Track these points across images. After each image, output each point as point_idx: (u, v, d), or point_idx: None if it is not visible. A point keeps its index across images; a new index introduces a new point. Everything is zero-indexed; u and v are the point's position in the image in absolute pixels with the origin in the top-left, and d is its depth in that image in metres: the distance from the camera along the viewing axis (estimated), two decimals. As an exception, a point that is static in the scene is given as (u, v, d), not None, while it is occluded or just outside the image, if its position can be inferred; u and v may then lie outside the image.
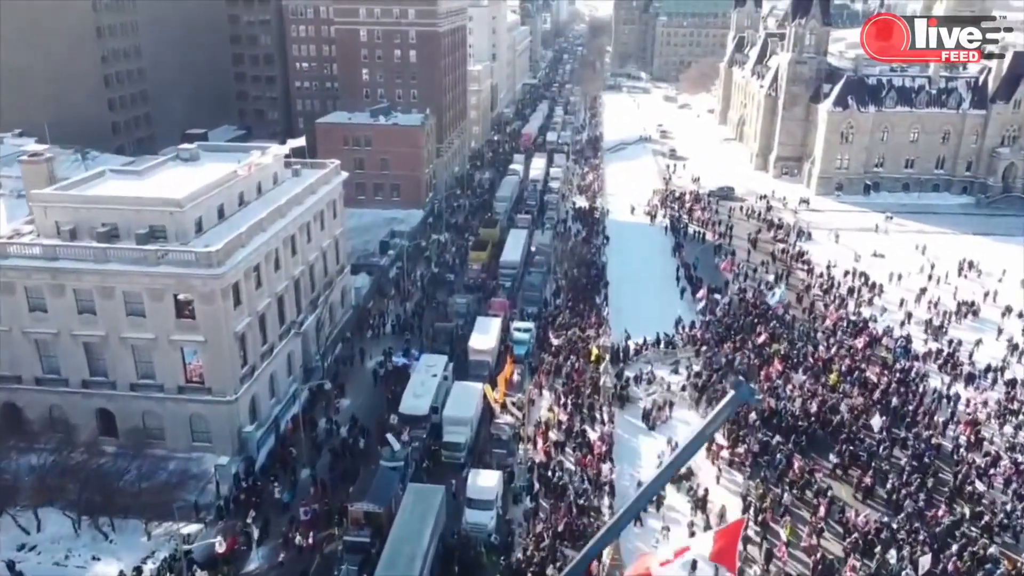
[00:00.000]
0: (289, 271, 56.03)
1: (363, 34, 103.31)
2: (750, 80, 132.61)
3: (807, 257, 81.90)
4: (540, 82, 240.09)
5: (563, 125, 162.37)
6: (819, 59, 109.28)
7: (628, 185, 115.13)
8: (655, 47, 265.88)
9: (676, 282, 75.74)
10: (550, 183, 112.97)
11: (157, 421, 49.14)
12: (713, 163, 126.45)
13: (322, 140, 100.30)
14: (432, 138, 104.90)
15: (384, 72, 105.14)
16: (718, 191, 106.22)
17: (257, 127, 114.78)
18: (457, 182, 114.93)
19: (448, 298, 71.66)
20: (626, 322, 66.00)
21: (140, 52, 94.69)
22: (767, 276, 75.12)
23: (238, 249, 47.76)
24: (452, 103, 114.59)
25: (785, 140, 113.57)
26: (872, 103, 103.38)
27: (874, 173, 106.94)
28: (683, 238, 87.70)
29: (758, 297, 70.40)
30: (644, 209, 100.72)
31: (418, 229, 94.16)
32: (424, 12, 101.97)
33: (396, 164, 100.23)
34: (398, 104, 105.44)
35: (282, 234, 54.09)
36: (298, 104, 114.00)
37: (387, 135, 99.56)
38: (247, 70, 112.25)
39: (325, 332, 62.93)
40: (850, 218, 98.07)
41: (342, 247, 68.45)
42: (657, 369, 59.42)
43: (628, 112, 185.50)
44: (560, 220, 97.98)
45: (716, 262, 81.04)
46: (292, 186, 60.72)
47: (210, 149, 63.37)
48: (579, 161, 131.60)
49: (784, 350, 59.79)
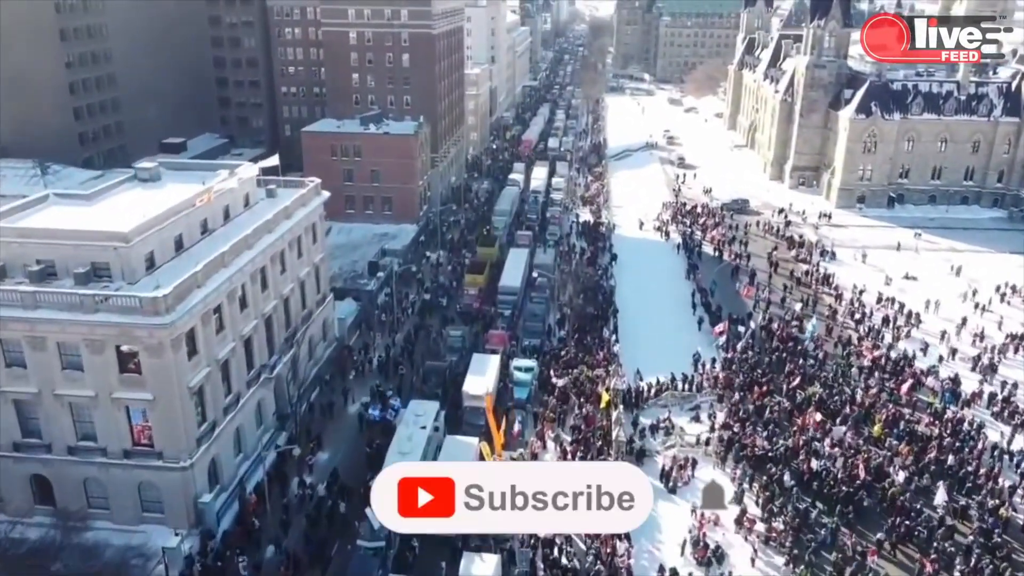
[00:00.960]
0: (259, 308, 49.32)
1: (353, 36, 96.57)
2: (762, 84, 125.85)
3: (834, 281, 75.06)
4: (541, 84, 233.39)
5: (565, 130, 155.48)
6: (839, 63, 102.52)
7: (635, 196, 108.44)
8: (658, 48, 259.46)
9: (692, 309, 69.00)
10: (552, 194, 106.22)
11: (100, 489, 42.43)
12: (724, 172, 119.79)
13: (308, 150, 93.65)
14: (426, 147, 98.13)
15: (375, 77, 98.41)
16: (732, 204, 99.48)
17: (241, 135, 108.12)
18: (453, 193, 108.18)
19: (442, 329, 64.89)
20: (638, 358, 59.29)
21: (110, 56, 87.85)
22: (793, 304, 68.16)
23: (193, 291, 41.04)
24: (448, 109, 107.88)
25: (802, 149, 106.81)
26: (897, 110, 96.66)
27: (898, 184, 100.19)
28: (697, 258, 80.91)
29: (784, 328, 63.64)
30: (653, 224, 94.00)
31: (410, 247, 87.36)
32: (417, 13, 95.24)
33: (387, 176, 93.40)
34: (390, 111, 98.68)
35: (249, 268, 47.34)
36: (284, 110, 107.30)
37: (378, 145, 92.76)
38: (230, 74, 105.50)
39: (302, 373, 56.21)
40: (874, 234, 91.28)
41: (323, 274, 61.73)
42: (675, 415, 52.73)
43: (632, 116, 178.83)
44: (563, 235, 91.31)
45: (735, 287, 74.29)
46: (266, 209, 53.96)
47: (174, 167, 56.51)
48: (582, 170, 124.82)
49: (819, 394, 53.07)
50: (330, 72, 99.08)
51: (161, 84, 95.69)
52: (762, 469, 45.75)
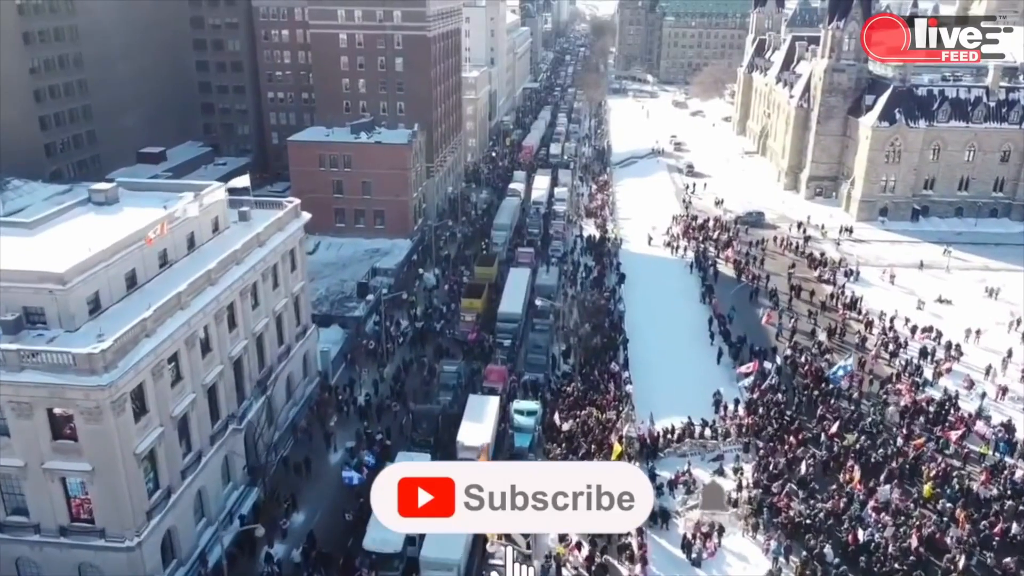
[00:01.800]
0: (225, 351, 43.46)
1: (343, 39, 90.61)
2: (775, 88, 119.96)
3: (861, 305, 69.07)
4: (541, 86, 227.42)
5: (567, 135, 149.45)
6: (859, 66, 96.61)
7: (642, 207, 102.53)
8: (661, 48, 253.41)
9: (709, 339, 63.06)
10: (555, 205, 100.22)
11: (34, 571, 36.57)
12: (735, 181, 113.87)
13: (295, 160, 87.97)
14: (421, 157, 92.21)
15: (367, 82, 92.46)
16: (746, 217, 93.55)
17: (225, 143, 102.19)
18: (450, 205, 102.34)
19: (435, 364, 58.92)
20: (652, 397, 53.45)
21: (81, 61, 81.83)
22: (820, 334, 62.15)
23: (140, 341, 35.18)
24: (445, 116, 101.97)
25: (819, 157, 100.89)
26: (923, 117, 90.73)
27: (923, 196, 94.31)
28: (713, 278, 74.96)
29: (812, 363, 57.70)
30: (663, 239, 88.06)
31: (403, 266, 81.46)
32: (411, 14, 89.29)
33: (379, 188, 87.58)
34: (383, 118, 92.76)
35: (213, 307, 41.48)
36: (271, 117, 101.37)
37: (369, 154, 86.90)
38: (213, 79, 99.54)
39: (278, 418, 50.37)
40: (899, 250, 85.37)
41: (304, 304, 55.82)
42: (696, 467, 46.90)
43: (636, 119, 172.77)
44: (567, 252, 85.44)
45: (755, 311, 68.42)
46: (237, 235, 48.24)
47: (134, 188, 50.63)
48: (585, 178, 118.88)
49: (859, 444, 47.20)
50: (318, 77, 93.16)
51: (139, 90, 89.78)
52: (800, 539, 39.92)
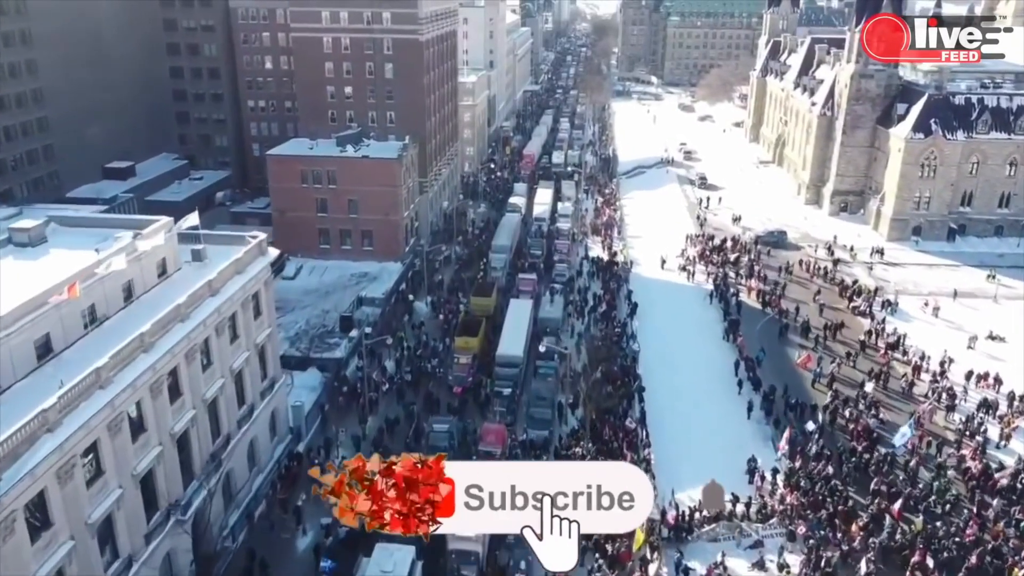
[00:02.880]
0: (165, 428, 35.87)
1: (327, 43, 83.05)
2: (792, 94, 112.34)
3: (904, 342, 61.45)
4: (543, 88, 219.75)
5: (570, 142, 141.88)
6: (889, 72, 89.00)
7: (652, 223, 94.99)
8: (666, 49, 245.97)
9: (737, 387, 55.42)
10: (558, 222, 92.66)
11: None
12: (751, 194, 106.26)
13: (275, 176, 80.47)
14: (414, 171, 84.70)
15: (354, 90, 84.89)
16: (767, 236, 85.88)
17: (202, 155, 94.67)
18: (446, 222, 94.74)
19: (423, 422, 51.30)
20: (673, 462, 46.03)
21: (35, 68, 74.20)
22: (866, 385, 54.44)
23: (40, 439, 27.64)
24: (440, 125, 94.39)
25: (844, 171, 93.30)
26: (960, 128, 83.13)
27: (960, 214, 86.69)
28: (736, 311, 67.33)
29: (858, 419, 50.11)
30: (677, 262, 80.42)
31: (392, 293, 73.91)
32: (402, 16, 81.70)
33: (367, 206, 80.00)
34: (372, 130, 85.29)
35: (148, 379, 33.93)
36: (252, 127, 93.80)
37: (356, 170, 79.33)
38: (188, 86, 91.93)
39: (237, 495, 42.85)
40: (937, 275, 77.81)
41: (271, 355, 48.21)
42: (731, 556, 39.41)
43: (642, 123, 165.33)
44: (573, 276, 77.94)
45: (788, 353, 60.87)
46: (189, 278, 40.76)
47: (68, 224, 43.09)
48: (590, 191, 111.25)
49: (927, 529, 39.63)
50: (301, 84, 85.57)
51: (104, 99, 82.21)
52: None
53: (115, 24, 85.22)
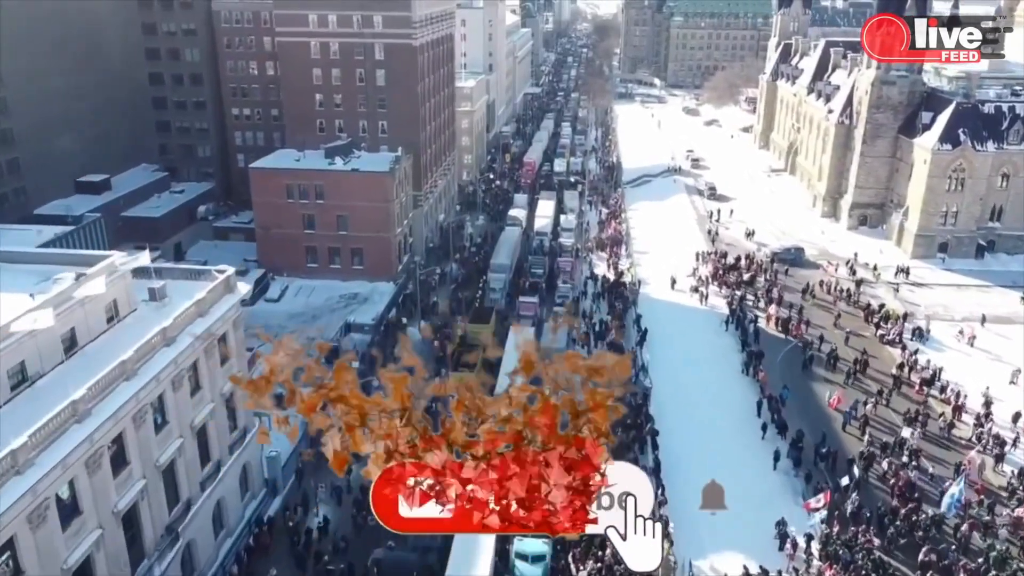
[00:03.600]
0: (107, 505, 30.76)
1: (314, 48, 77.93)
2: (806, 100, 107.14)
3: (941, 376, 56.21)
4: (543, 90, 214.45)
5: (572, 148, 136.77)
6: (912, 78, 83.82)
7: (660, 238, 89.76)
8: (669, 51, 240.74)
9: (761, 431, 50.22)
10: (561, 236, 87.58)
11: None
12: (764, 205, 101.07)
13: (258, 190, 75.54)
14: (407, 184, 79.62)
15: (344, 98, 79.78)
16: (784, 253, 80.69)
17: (184, 166, 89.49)
18: (442, 236, 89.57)
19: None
20: (692, 522, 40.68)
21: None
22: (904, 432, 49.15)
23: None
24: (435, 134, 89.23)
25: (864, 182, 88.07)
26: (991, 139, 77.91)
27: (988, 229, 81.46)
28: (754, 340, 62.14)
29: (898, 471, 44.91)
30: (689, 282, 75.22)
31: (383, 318, 68.75)
32: (394, 20, 76.55)
33: (357, 222, 75.05)
34: (363, 140, 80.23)
35: (83, 453, 28.81)
36: (236, 137, 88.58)
37: (345, 184, 74.41)
38: (169, 94, 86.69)
39: (200, 568, 37.68)
40: (968, 298, 72.61)
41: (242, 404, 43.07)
42: (763, 643, 34.25)
43: (645, 127, 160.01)
44: (577, 296, 72.83)
45: (814, 388, 55.71)
46: (145, 322, 35.65)
47: (10, 259, 37.97)
48: (594, 202, 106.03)
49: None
50: (288, 92, 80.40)
51: (78, 108, 77.00)
52: None
53: (89, 28, 79.96)
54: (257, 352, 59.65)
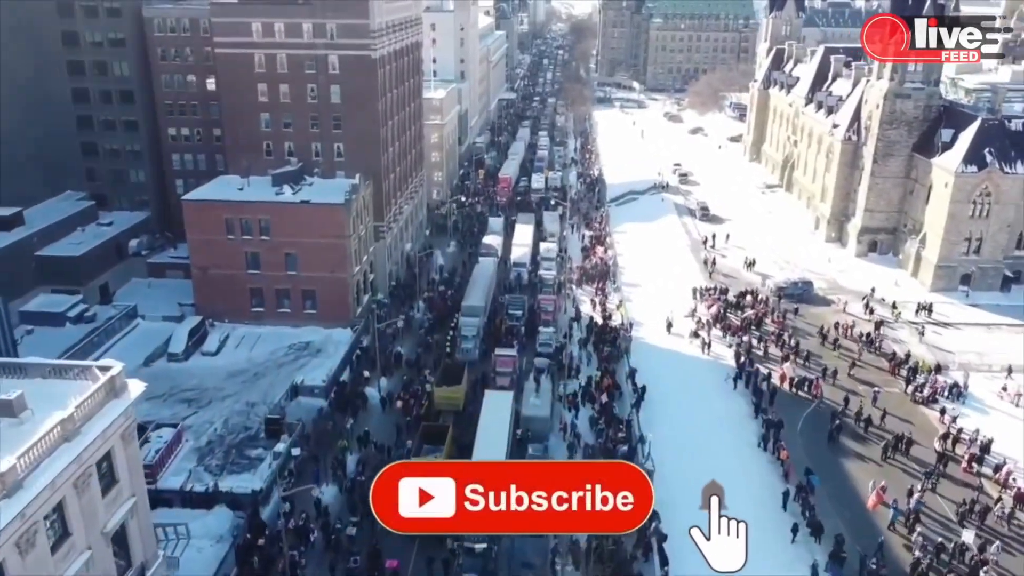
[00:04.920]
0: None
1: (259, 61, 68.16)
2: (804, 111, 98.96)
3: (1000, 461, 47.61)
4: (519, 95, 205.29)
5: (551, 161, 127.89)
6: (930, 90, 75.79)
7: (651, 267, 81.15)
8: (648, 53, 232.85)
9: (791, 534, 41.37)
10: (541, 267, 78.59)
11: None
12: (761, 228, 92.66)
13: (193, 224, 65.70)
14: (367, 215, 70.25)
15: (294, 118, 70.04)
16: (791, 288, 72.24)
17: (115, 194, 79.20)
18: (408, 269, 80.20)
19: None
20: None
21: None
22: (964, 536, 40.57)
23: None
24: (400, 155, 79.79)
25: (875, 205, 79.90)
26: (1020, 159, 69.90)
27: (1015, 259, 73.51)
28: (769, 402, 53.46)
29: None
30: (687, 323, 66.45)
31: (337, 376, 59.35)
32: (350, 29, 67.00)
33: (308, 261, 65.47)
34: (316, 165, 70.63)
35: None
36: (174, 160, 78.37)
37: (294, 218, 64.81)
38: (96, 112, 76.09)
39: None
40: (1002, 340, 64.49)
41: (139, 532, 33.38)
42: None
43: (627, 136, 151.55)
44: (560, 344, 63.88)
45: (846, 468, 47.09)
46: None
47: None
48: (576, 223, 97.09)
49: None
50: (228, 111, 70.52)
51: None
52: None
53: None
54: (181, 427, 50.49)
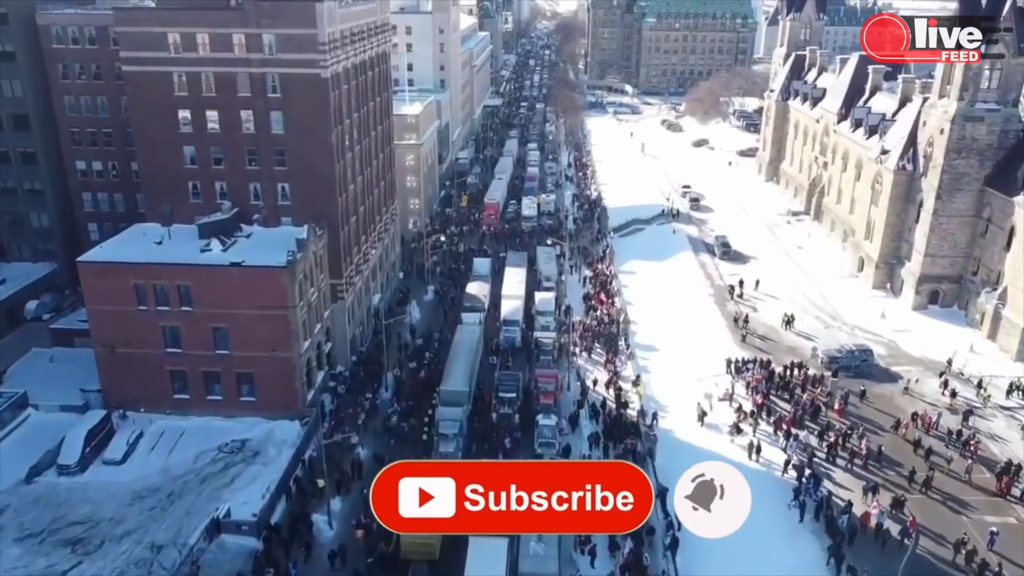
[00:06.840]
0: None
1: (178, 81, 53.69)
2: (837, 129, 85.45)
3: None
4: (505, 100, 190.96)
5: (542, 181, 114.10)
6: (1006, 112, 62.46)
7: (670, 324, 67.07)
8: (641, 55, 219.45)
9: None
10: (537, 328, 64.64)
11: None
12: (793, 270, 78.96)
13: (93, 293, 51.42)
14: (321, 273, 55.98)
15: (226, 151, 55.69)
16: (846, 359, 58.39)
17: (12, 242, 64.56)
18: (375, 329, 65.99)
19: None
20: None
21: None
22: None
23: None
24: (364, 192, 65.56)
25: (937, 249, 66.40)
26: None
27: (1115, 318, 60.27)
28: (847, 539, 39.76)
29: None
30: (723, 408, 52.69)
31: (275, 500, 45.18)
32: (293, 41, 52.64)
33: (243, 339, 51.18)
34: (255, 210, 56.29)
35: None
36: (85, 200, 63.68)
37: (223, 283, 50.54)
38: (-17, 143, 61.83)
39: None
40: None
41: None
42: None
43: (625, 150, 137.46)
44: (567, 446, 50.01)
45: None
46: None
47: None
48: (576, 261, 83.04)
49: None
50: (143, 143, 55.93)
51: None
52: None
53: None
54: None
